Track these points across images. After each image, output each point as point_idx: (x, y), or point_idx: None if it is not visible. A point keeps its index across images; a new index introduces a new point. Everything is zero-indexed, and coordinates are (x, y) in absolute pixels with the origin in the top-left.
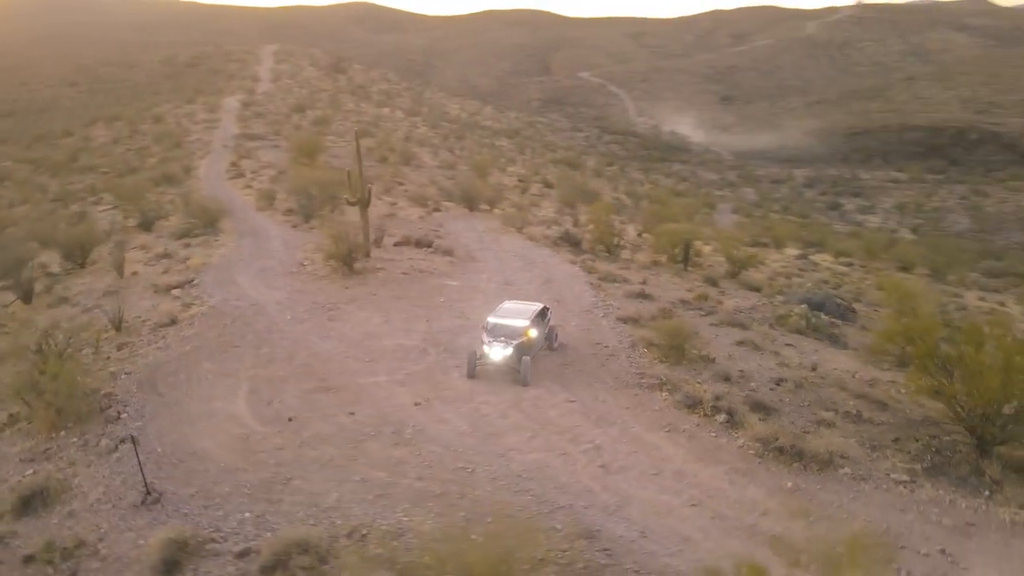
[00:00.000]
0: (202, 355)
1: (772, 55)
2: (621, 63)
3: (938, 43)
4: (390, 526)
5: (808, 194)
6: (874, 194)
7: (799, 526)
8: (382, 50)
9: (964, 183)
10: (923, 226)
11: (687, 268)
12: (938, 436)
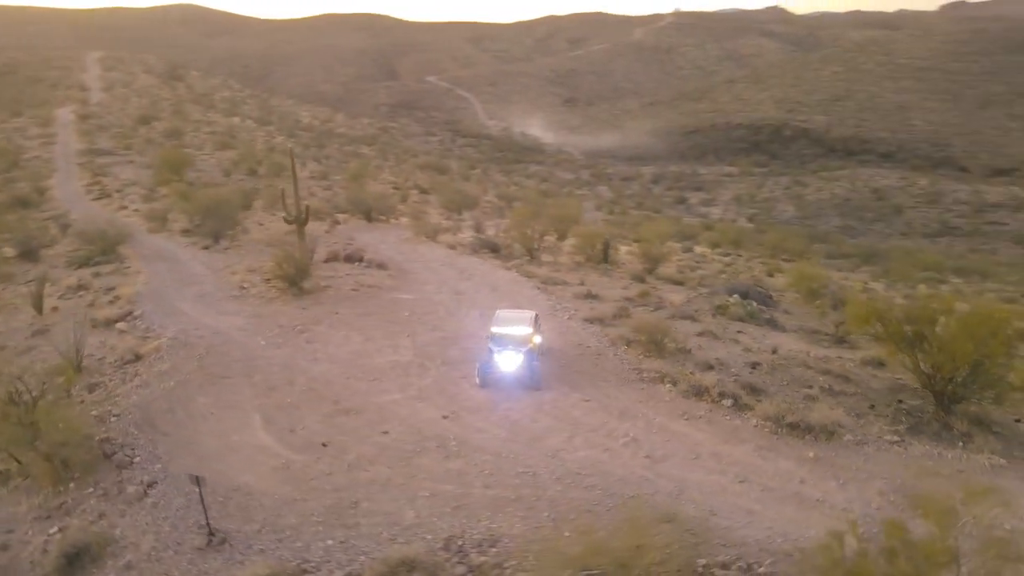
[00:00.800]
0: (191, 390)
1: (607, 59)
2: (466, 67)
3: (749, 48)
4: (481, 535)
5: (656, 190)
6: (713, 188)
7: (833, 488)
8: (216, 55)
9: (786, 175)
10: (758, 215)
11: (607, 266)
12: (903, 401)
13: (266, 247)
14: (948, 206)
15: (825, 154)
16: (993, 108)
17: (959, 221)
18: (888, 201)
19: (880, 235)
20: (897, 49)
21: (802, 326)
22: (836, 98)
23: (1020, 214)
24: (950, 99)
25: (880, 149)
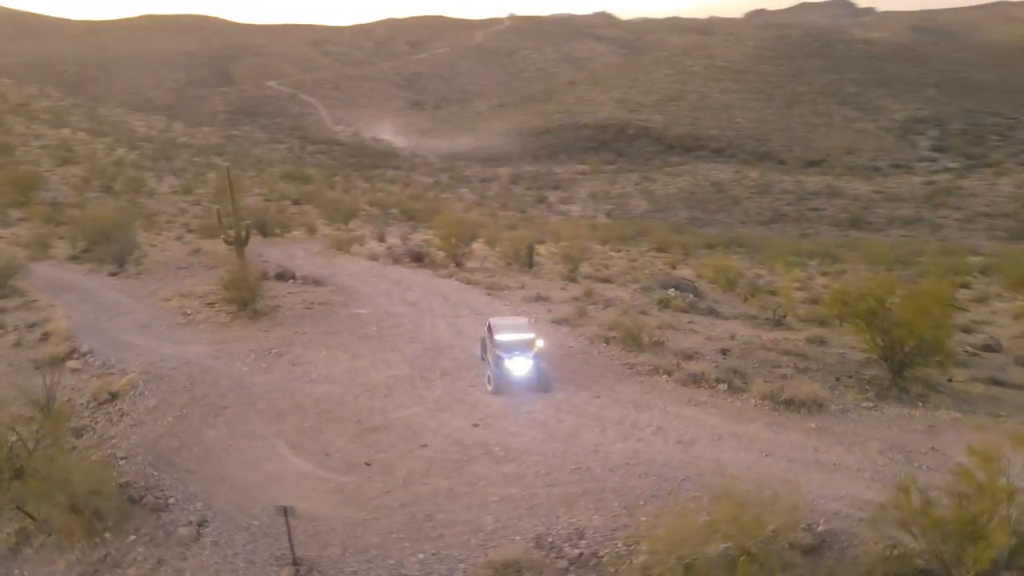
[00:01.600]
0: (194, 423)
1: (450, 62)
2: (308, 71)
3: (584, 52)
4: (566, 530)
5: (516, 190)
6: (569, 186)
7: (841, 452)
8: (26, 61)
9: (634, 171)
10: (614, 210)
11: (532, 269)
12: (859, 372)
13: (179, 269)
14: (777, 195)
15: (666, 151)
16: (799, 107)
17: (788, 208)
18: (727, 193)
19: (724, 224)
20: (717, 53)
21: (739, 313)
22: (670, 99)
23: (835, 200)
24: (765, 99)
25: (712, 145)
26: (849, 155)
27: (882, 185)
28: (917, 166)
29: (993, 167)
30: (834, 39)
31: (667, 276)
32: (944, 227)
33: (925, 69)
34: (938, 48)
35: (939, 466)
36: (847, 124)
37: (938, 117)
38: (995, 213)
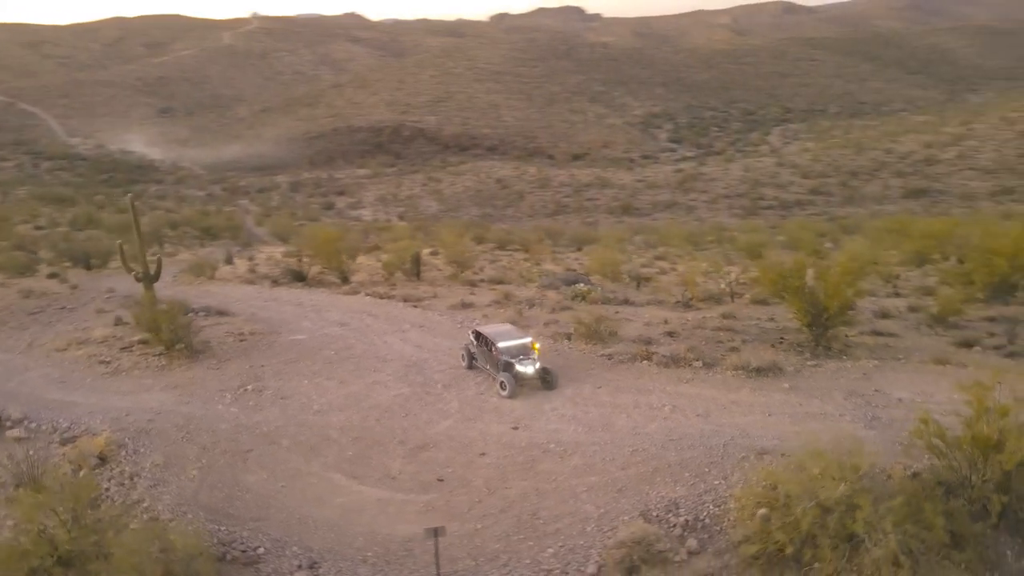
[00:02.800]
0: (226, 472)
1: (198, 65)
2: (26, 77)
3: (341, 53)
4: (663, 503)
5: (298, 198)
6: (355, 190)
7: (818, 404)
8: None
9: (419, 172)
10: (406, 212)
11: (419, 277)
12: (783, 338)
13: (30, 315)
14: (556, 188)
15: (442, 151)
16: (557, 105)
17: (568, 200)
18: (511, 188)
19: (514, 219)
20: (477, 56)
21: (649, 300)
22: (439, 100)
23: (606, 190)
24: (526, 98)
25: (485, 144)
26: (606, 148)
27: (641, 175)
28: (661, 156)
29: (719, 155)
30: (577, 43)
31: (567, 273)
32: (696, 208)
33: (653, 70)
34: (661, 52)
35: (889, 403)
36: (599, 120)
37: (669, 112)
38: (732, 194)
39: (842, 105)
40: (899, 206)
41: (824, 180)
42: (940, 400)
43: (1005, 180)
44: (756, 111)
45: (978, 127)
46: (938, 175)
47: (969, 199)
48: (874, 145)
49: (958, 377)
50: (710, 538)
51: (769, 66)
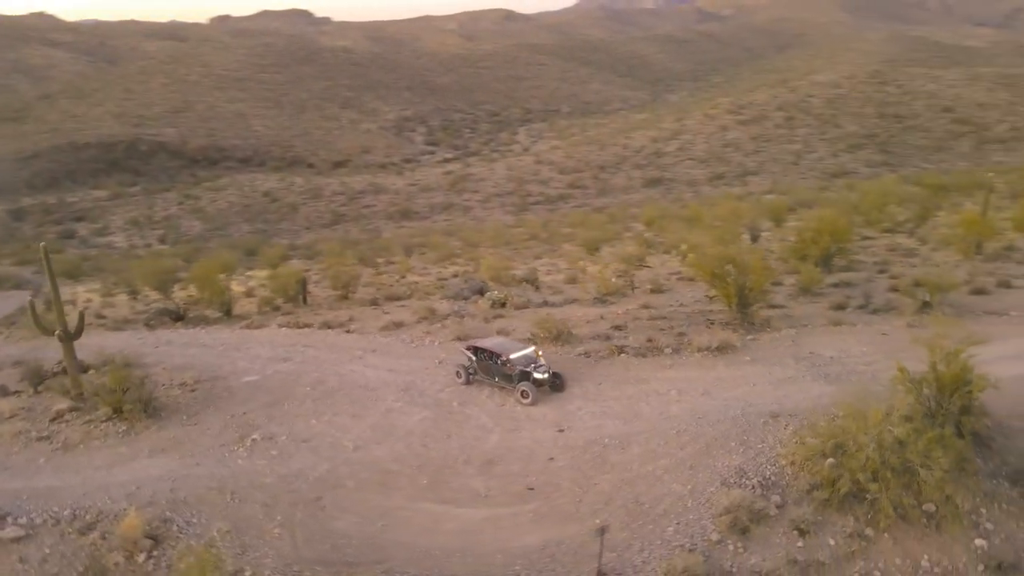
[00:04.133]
0: (309, 524)
1: None
2: None
3: (39, 59)
4: (730, 472)
5: (27, 228)
6: (98, 215)
7: (780, 369)
8: None
9: (171, 190)
10: (167, 235)
11: (306, 302)
12: (710, 318)
13: None
14: (330, 198)
15: (190, 165)
16: (308, 112)
17: (344, 209)
18: (281, 201)
19: (290, 232)
20: (211, 61)
21: (565, 299)
22: (177, 110)
23: (381, 196)
24: (275, 106)
25: (238, 155)
26: (367, 154)
27: (413, 178)
28: (423, 159)
29: (476, 155)
30: (317, 48)
31: (470, 282)
32: (472, 208)
33: (397, 75)
34: (403, 56)
35: (825, 362)
36: (354, 126)
37: (420, 116)
38: (502, 192)
39: (572, 105)
40: (642, 194)
41: (579, 175)
42: (857, 353)
43: (716, 167)
44: (500, 112)
45: (689, 123)
46: (666, 165)
47: (693, 185)
48: (613, 141)
49: (860, 334)
50: (784, 492)
51: (504, 70)
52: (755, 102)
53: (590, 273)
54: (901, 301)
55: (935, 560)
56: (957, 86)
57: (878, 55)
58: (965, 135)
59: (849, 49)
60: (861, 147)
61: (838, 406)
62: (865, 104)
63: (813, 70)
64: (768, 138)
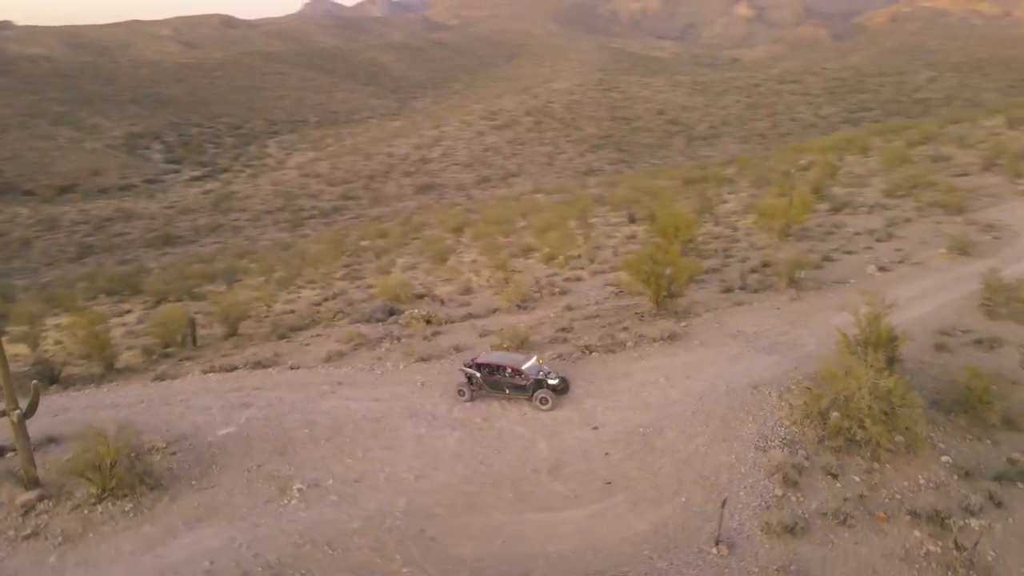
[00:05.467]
0: (434, 558)
1: None
2: None
3: None
4: (754, 436)
5: None
6: None
7: (728, 347)
8: None
9: None
10: None
11: (196, 345)
12: (634, 313)
13: None
14: (70, 228)
15: None
16: (14, 131)
17: (91, 240)
18: (8, 236)
19: (28, 271)
20: None
21: (486, 309)
22: None
23: (134, 222)
24: None
25: None
26: (97, 176)
27: (167, 200)
28: (166, 178)
29: (227, 171)
30: (11, 56)
31: (374, 305)
32: (242, 228)
33: (117, 86)
34: (121, 66)
35: (753, 336)
36: (75, 145)
37: (153, 131)
38: (272, 209)
39: (320, 115)
40: (416, 201)
41: (349, 186)
42: (769, 327)
43: (480, 171)
44: (243, 125)
45: (447, 129)
46: (434, 171)
47: (463, 189)
48: (376, 150)
49: (760, 311)
50: (802, 446)
51: (240, 80)
52: (505, 108)
53: (483, 281)
54: (772, 280)
55: (927, 478)
56: (664, 91)
57: (593, 64)
58: (677, 134)
59: (568, 59)
60: (602, 147)
61: (822, 370)
62: (598, 108)
63: (547, 78)
64: (522, 141)
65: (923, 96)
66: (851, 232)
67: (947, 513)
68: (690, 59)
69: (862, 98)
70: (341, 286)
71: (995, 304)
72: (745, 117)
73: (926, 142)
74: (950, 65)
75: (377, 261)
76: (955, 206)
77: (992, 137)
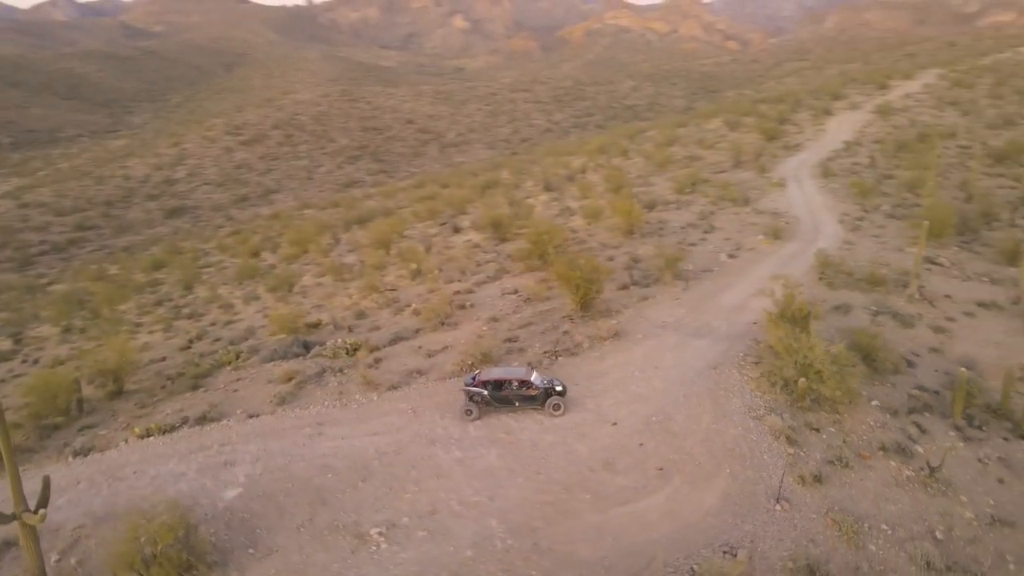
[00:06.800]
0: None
1: None
2: None
3: None
4: (743, 407)
5: None
6: None
7: (666, 337)
8: None
9: None
10: None
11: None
12: (568, 316)
13: None
14: None
15: None
16: None
17: None
18: None
19: None
20: None
21: (400, 329)
22: None
23: None
24: None
25: None
26: None
27: None
28: None
29: None
30: None
31: (291, 339)
32: None
33: None
34: None
35: (677, 326)
36: None
37: None
38: None
39: (14, 135)
40: (168, 227)
41: (84, 214)
42: (682, 315)
43: (236, 189)
44: None
45: (188, 147)
46: (183, 193)
47: (220, 209)
48: (109, 173)
49: (666, 303)
50: (782, 411)
51: None
52: (249, 122)
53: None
54: (656, 274)
55: (873, 420)
56: (409, 101)
57: (324, 74)
58: (430, 142)
59: (298, 69)
60: (359, 158)
61: (776, 344)
62: (348, 119)
63: (287, 89)
64: (275, 156)
65: (631, 103)
66: (677, 227)
67: (902, 444)
68: (416, 68)
69: (584, 104)
70: (185, 325)
71: (829, 277)
72: (489, 124)
73: (672, 144)
74: (645, 75)
75: (199, 294)
76: (741, 199)
77: (722, 139)
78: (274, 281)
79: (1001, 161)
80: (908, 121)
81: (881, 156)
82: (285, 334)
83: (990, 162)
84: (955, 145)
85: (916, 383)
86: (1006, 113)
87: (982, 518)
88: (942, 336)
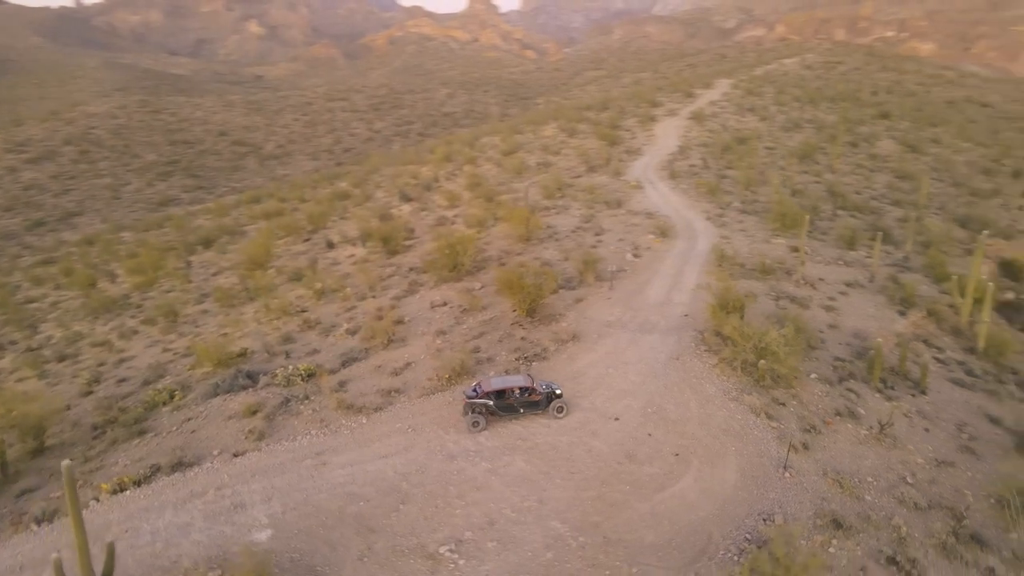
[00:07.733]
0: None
1: None
2: None
3: None
4: (733, 389)
5: None
6: None
7: (620, 336)
8: None
9: None
10: None
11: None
12: (519, 322)
13: None
14: None
15: None
16: None
17: None
18: None
19: None
20: None
21: (348, 349)
22: None
23: None
24: None
25: None
26: None
27: None
28: None
29: None
30: None
31: (252, 365)
32: None
33: None
34: None
35: (621, 324)
36: None
37: None
38: None
39: None
40: None
41: None
42: (619, 313)
43: (30, 214)
44: None
45: None
46: None
47: (13, 237)
48: None
49: (601, 302)
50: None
51: None
52: (34, 138)
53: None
54: (582, 276)
55: (819, 391)
56: (219, 112)
57: (109, 83)
58: (247, 154)
59: (75, 77)
60: (170, 174)
61: (731, 331)
62: (151, 133)
63: (77, 100)
64: (72, 175)
65: (448, 110)
66: (568, 230)
67: (851, 408)
68: (213, 76)
69: (403, 112)
70: (63, 369)
71: (727, 268)
72: (308, 134)
73: (517, 150)
74: (458, 83)
75: (54, 334)
76: (614, 201)
77: (564, 144)
78: (155, 311)
79: (802, 160)
80: (720, 126)
81: (711, 158)
82: (213, 367)
83: (795, 161)
84: (763, 147)
85: (833, 356)
86: (792, 118)
87: (930, 462)
88: (833, 314)
